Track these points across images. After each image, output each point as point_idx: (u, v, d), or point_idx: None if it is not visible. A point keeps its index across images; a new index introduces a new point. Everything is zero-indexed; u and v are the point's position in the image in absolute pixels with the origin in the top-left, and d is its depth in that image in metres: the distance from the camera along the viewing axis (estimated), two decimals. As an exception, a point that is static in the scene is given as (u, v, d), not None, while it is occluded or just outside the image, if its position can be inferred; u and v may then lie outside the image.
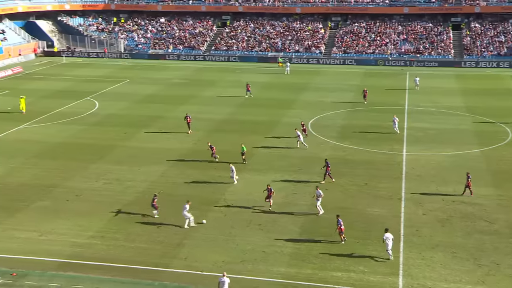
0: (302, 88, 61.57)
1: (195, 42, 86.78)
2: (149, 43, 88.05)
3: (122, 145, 40.82)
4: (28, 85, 63.47)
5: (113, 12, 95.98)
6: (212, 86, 62.90)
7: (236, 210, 29.33)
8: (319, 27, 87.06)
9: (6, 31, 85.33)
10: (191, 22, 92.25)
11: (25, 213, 29.09)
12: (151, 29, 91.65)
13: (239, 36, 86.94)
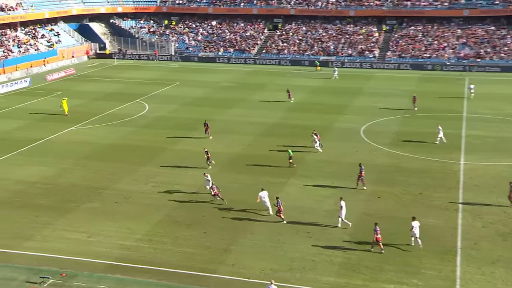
0: (354, 93, 60.85)
1: (245, 45, 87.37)
2: (200, 45, 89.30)
3: (171, 148, 41.48)
4: (80, 87, 65.58)
5: (165, 15, 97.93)
6: (262, 89, 63.08)
7: (285, 216, 29.18)
8: (373, 31, 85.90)
9: (60, 33, 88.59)
10: (242, 25, 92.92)
11: (75, 214, 29.96)
12: (202, 31, 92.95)
13: (291, 40, 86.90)
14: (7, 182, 34.46)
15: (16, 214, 29.71)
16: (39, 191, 32.99)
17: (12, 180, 34.71)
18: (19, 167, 37.22)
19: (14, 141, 42.80)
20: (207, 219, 29.14)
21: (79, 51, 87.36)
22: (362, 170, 32.90)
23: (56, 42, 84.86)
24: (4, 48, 75.36)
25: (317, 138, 40.05)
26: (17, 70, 72.71)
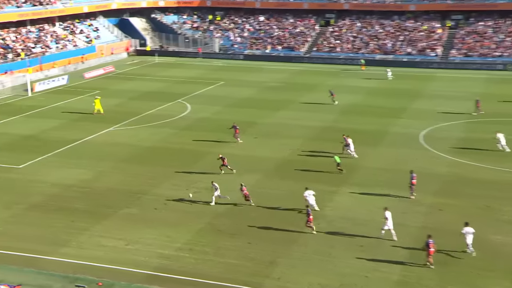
0: (413, 95, 59.91)
1: (295, 43, 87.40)
2: (246, 43, 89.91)
3: (214, 152, 41.75)
4: (118, 85, 67.13)
5: (209, 9, 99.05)
6: (312, 90, 62.93)
7: (335, 228, 29.01)
8: (436, 27, 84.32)
9: (99, 28, 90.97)
10: (292, 21, 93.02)
11: (112, 220, 30.63)
12: (248, 27, 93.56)
13: (344, 37, 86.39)
14: (43, 184, 35.58)
15: (51, 218, 30.63)
16: (75, 195, 33.91)
17: (48, 183, 35.81)
18: (55, 169, 38.37)
19: (51, 142, 44.17)
20: (252, 229, 29.25)
21: (118, 47, 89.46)
22: (413, 177, 32.43)
23: (95, 38, 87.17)
24: (42, 44, 77.97)
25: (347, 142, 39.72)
26: (55, 67, 75.08)
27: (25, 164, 39.22)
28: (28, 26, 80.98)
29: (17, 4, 78.78)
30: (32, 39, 78.37)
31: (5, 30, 77.09)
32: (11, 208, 31.84)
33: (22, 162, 39.52)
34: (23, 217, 30.78)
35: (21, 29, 79.33)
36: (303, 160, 39.27)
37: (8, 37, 75.92)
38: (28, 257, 26.55)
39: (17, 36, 77.19)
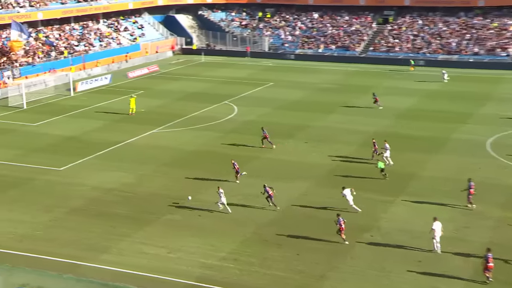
0: (480, 98, 58.56)
1: (350, 42, 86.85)
2: (297, 41, 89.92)
3: (261, 157, 42.00)
4: (163, 85, 68.23)
5: (259, 6, 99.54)
6: (367, 93, 62.26)
7: (391, 240, 28.63)
8: (509, 24, 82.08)
9: (144, 26, 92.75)
10: (347, 18, 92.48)
11: (154, 226, 31.12)
12: (300, 25, 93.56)
13: (404, 35, 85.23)
14: (83, 188, 36.50)
15: (91, 223, 31.37)
16: (116, 199, 34.63)
17: (88, 186, 36.70)
18: (96, 172, 39.31)
19: (92, 144, 45.27)
20: (301, 239, 29.18)
21: (163, 46, 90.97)
22: (471, 186, 31.85)
23: (140, 36, 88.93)
24: (85, 42, 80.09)
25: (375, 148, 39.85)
26: (98, 66, 76.99)
27: (66, 166, 40.33)
28: (72, 23, 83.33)
29: (62, 1, 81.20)
30: (76, 37, 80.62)
31: (48, 27, 79.60)
32: (52, 212, 32.79)
33: (63, 164, 40.65)
34: (63, 221, 31.64)
35: (64, 27, 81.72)
36: (356, 167, 38.94)
37: (52, 35, 78.34)
38: (68, 263, 27.26)
39: (61, 34, 79.56)
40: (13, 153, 43.16)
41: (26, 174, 38.82)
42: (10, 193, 35.60)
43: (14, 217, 32.01)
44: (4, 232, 30.19)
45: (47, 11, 77.55)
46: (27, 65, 67.93)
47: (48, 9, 78.05)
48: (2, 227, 30.81)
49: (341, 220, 28.56)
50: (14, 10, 73.44)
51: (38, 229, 30.62)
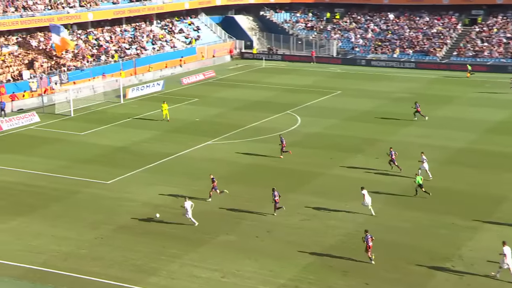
0: None
1: (430, 45, 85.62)
2: (369, 45, 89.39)
3: (326, 173, 41.82)
4: (219, 93, 69.04)
5: (327, 6, 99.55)
6: (449, 103, 61.33)
7: (476, 271, 27.94)
8: None
9: (200, 27, 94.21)
10: (427, 19, 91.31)
11: (208, 247, 31.39)
12: (373, 27, 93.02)
13: (494, 38, 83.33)
14: (132, 203, 37.24)
15: (140, 242, 31.92)
16: (167, 217, 35.05)
17: (138, 202, 37.43)
18: (145, 186, 40.05)
19: (142, 155, 46.19)
20: (370, 266, 28.85)
21: (221, 49, 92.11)
22: None
23: (195, 39, 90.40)
24: (137, 45, 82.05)
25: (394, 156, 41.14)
26: (150, 71, 78.67)
27: (113, 179, 41.29)
28: (124, 24, 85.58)
29: (114, 1, 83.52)
30: (127, 39, 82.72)
31: (99, 29, 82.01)
32: (98, 228, 33.59)
33: (111, 177, 41.64)
34: (110, 239, 32.36)
35: (115, 28, 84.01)
36: (434, 187, 38.22)
37: (102, 37, 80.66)
38: (114, 285, 27.79)
39: (112, 36, 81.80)
40: (59, 164, 44.53)
41: (72, 187, 39.96)
42: (54, 207, 36.70)
43: (58, 233, 32.95)
44: (48, 249, 31.11)
45: (97, 12, 79.94)
46: (76, 69, 70.10)
47: (99, 9, 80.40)
48: (45, 243, 31.77)
49: (368, 237, 28.85)
50: (64, 10, 76.05)
51: (83, 247, 31.41)
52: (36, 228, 33.58)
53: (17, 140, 51.27)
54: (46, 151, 47.98)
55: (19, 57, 68.04)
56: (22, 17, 70.94)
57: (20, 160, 45.39)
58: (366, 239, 28.95)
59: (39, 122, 56.54)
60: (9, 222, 34.32)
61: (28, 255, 30.34)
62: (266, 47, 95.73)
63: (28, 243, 31.69)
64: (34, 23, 72.32)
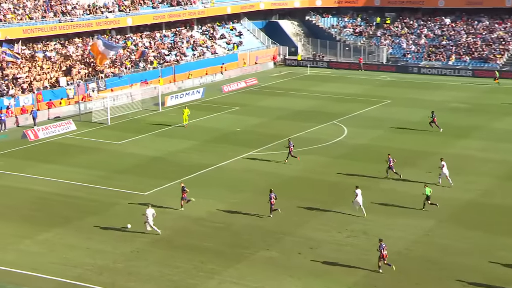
0: None
1: (489, 52, 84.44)
2: (422, 52, 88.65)
3: (375, 187, 41.56)
4: (262, 101, 69.29)
5: (377, 10, 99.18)
6: (510, 114, 60.35)
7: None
8: None
9: (243, 33, 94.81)
10: (487, 23, 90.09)
11: (247, 263, 31.45)
12: (427, 33, 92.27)
13: None
14: (168, 216, 37.54)
15: (177, 257, 32.15)
16: (205, 231, 35.33)
17: (174, 215, 37.72)
18: (183, 198, 40.36)
19: (180, 166, 46.58)
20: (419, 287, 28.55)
21: (264, 55, 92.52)
22: None
23: (237, 44, 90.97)
24: (177, 51, 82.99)
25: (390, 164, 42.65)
26: (190, 78, 79.45)
27: (150, 190, 41.75)
28: (163, 29, 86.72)
29: (153, 5, 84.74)
30: (167, 45, 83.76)
31: (137, 34, 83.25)
32: (134, 242, 33.96)
33: (148, 188, 42.11)
34: (146, 253, 32.67)
35: (155, 33, 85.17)
36: (494, 205, 37.68)
37: (141, 42, 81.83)
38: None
39: (151, 42, 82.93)
40: (95, 174, 45.24)
41: (107, 198, 40.55)
42: (89, 219, 37.23)
43: (93, 246, 33.43)
44: (83, 262, 31.56)
45: (137, 17, 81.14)
46: (113, 76, 71.25)
47: (138, 14, 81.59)
48: (80, 256, 32.24)
49: (383, 245, 29.71)
50: (102, 15, 77.44)
51: (119, 261, 31.79)
52: (71, 240, 34.14)
53: (54, 149, 52.28)
54: (82, 160, 48.81)
55: (56, 63, 69.48)
56: (60, 23, 72.47)
57: (56, 169, 46.27)
58: (381, 248, 29.66)
59: (75, 131, 57.58)
60: (44, 234, 34.96)
61: (62, 268, 30.84)
62: (311, 53, 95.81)
63: (62, 256, 32.21)
64: (73, 28, 73.87)
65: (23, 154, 50.72)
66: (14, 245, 33.51)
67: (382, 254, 29.63)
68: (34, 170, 46.12)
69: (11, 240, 34.08)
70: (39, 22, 70.61)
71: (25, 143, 53.70)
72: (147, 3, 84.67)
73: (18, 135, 55.81)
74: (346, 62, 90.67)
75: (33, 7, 72.29)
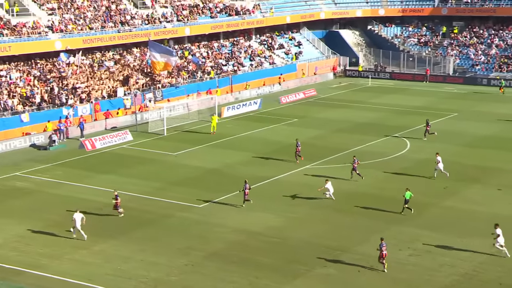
0: None
1: None
2: (493, 62, 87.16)
3: (439, 204, 41.07)
4: (320, 113, 69.26)
5: (444, 19, 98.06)
6: None
7: None
8: None
9: (302, 43, 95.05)
10: None
11: (303, 280, 31.41)
12: (498, 43, 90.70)
13: None
14: (224, 229, 37.87)
15: (232, 271, 32.33)
16: (261, 245, 35.49)
17: (229, 228, 38.03)
18: (239, 212, 40.63)
19: (236, 178, 46.81)
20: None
21: (323, 66, 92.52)
22: None
23: (296, 55, 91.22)
24: (234, 61, 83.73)
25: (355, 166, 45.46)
26: (247, 88, 80.00)
27: (206, 203, 42.19)
28: (221, 39, 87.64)
29: (212, 14, 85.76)
30: (224, 55, 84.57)
31: (195, 44, 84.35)
32: (188, 255, 34.36)
33: (203, 200, 42.56)
34: (200, 267, 32.99)
35: (213, 43, 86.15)
36: None
37: (199, 52, 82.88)
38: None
39: (208, 52, 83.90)
40: (150, 185, 45.97)
41: (162, 210, 41.14)
42: (144, 231, 37.83)
43: (147, 258, 33.95)
44: (136, 274, 32.07)
45: (195, 26, 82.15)
46: (170, 86, 72.31)
47: (196, 23, 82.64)
48: (134, 268, 32.78)
49: (383, 245, 31.35)
50: (161, 25, 78.79)
51: (173, 274, 32.18)
52: (125, 252, 34.74)
53: (110, 159, 53.32)
54: (138, 171, 49.65)
55: (114, 73, 70.97)
56: (119, 32, 74.07)
57: (112, 180, 47.17)
58: (381, 247, 31.35)
59: (132, 141, 58.62)
60: (99, 244, 35.68)
61: (118, 280, 31.41)
62: (373, 64, 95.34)
63: (117, 267, 32.81)
64: (131, 38, 75.33)
65: (80, 164, 51.89)
66: (70, 255, 34.31)
67: (382, 254, 31.27)
68: (90, 180, 47.20)
69: (67, 250, 34.91)
70: (99, 32, 72.29)
71: (82, 153, 54.95)
72: (205, 13, 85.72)
73: (75, 144, 57.17)
74: (410, 73, 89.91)
75: (93, 18, 74.09)
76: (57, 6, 72.80)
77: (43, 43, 67.30)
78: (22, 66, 66.60)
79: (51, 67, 67.98)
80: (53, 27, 69.30)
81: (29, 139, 58.06)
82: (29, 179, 47.89)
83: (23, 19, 68.59)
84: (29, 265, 33.02)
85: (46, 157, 53.67)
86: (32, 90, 63.22)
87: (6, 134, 57.60)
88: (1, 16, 67.36)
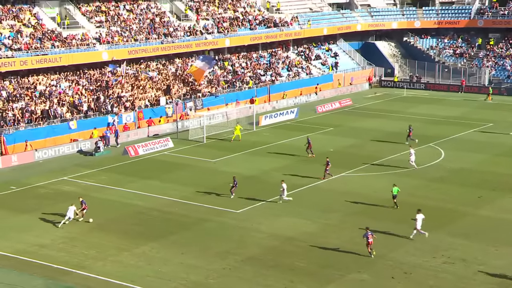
0: None
1: None
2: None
3: (474, 213, 40.59)
4: (356, 122, 68.94)
5: (480, 31, 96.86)
6: None
7: None
8: None
9: (338, 54, 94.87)
10: None
11: (337, 285, 31.24)
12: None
13: None
14: (261, 234, 37.88)
15: (267, 275, 32.31)
16: (297, 250, 35.40)
17: (265, 233, 38.01)
18: (275, 217, 40.61)
19: (272, 185, 46.79)
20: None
21: (359, 77, 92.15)
22: None
23: (333, 65, 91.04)
24: (272, 71, 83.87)
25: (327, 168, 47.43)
26: (284, 98, 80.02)
27: (243, 208, 42.25)
28: (260, 50, 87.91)
29: (251, 26, 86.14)
30: (262, 66, 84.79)
31: (235, 54, 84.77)
32: (226, 258, 34.44)
33: (240, 206, 42.62)
34: (237, 271, 33.04)
35: (252, 54, 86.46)
36: None
37: (238, 63, 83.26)
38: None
39: (247, 62, 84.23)
40: (190, 190, 46.22)
41: (201, 215, 41.31)
42: (183, 234, 38.04)
43: (186, 261, 34.12)
44: (176, 277, 32.23)
45: (235, 38, 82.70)
46: (210, 95, 72.73)
47: (236, 35, 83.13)
48: (174, 271, 32.94)
49: (369, 234, 33.31)
50: (202, 37, 79.42)
51: (212, 277, 32.28)
52: (166, 254, 34.96)
53: (152, 165, 53.76)
54: (179, 177, 49.96)
55: (157, 82, 71.69)
56: (162, 44, 74.91)
57: (153, 185, 47.59)
58: (366, 236, 33.40)
59: (173, 148, 59.03)
60: (141, 247, 35.96)
61: (158, 282, 31.60)
62: (408, 75, 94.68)
63: (157, 269, 33.03)
64: (173, 49, 76.17)
65: (124, 170, 52.43)
66: (113, 257, 34.65)
67: (368, 241, 33.31)
68: (133, 185, 47.65)
69: (111, 252, 35.27)
70: (143, 43, 73.17)
71: (126, 159, 55.52)
72: (245, 25, 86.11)
73: (119, 151, 57.81)
74: (445, 84, 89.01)
75: (138, 30, 75.04)
76: (104, 19, 74.05)
77: (91, 54, 68.50)
78: (71, 76, 67.67)
79: (98, 76, 68.94)
80: (101, 39, 70.43)
81: (76, 145, 58.89)
82: (75, 184, 48.56)
83: (73, 32, 70.00)
84: (75, 266, 33.47)
85: (91, 163, 54.36)
86: (80, 98, 64.15)
87: (55, 141, 58.55)
88: (53, 29, 68.73)
